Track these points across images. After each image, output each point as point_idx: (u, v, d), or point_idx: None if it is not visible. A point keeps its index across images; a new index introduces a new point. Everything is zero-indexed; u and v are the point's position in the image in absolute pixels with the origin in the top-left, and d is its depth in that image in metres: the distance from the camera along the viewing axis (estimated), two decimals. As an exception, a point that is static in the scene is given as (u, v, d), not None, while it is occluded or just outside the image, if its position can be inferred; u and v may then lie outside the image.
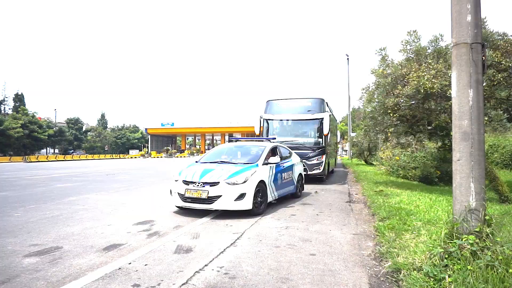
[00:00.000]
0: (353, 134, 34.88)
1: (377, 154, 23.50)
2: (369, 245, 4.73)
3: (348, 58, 35.72)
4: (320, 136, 12.61)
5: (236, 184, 6.41)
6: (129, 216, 6.55)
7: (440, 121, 10.11)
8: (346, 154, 55.64)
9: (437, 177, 14.28)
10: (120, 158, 59.15)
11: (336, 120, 23.05)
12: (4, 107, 58.94)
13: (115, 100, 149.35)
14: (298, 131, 13.36)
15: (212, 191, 6.31)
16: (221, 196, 6.28)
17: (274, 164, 7.71)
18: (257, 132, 13.14)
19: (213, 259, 4.01)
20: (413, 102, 9.76)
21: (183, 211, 6.99)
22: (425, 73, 8.82)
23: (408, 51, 10.18)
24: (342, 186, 12.45)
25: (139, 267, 3.71)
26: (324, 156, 12.49)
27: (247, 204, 6.42)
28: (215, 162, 7.54)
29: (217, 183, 6.41)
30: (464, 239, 3.38)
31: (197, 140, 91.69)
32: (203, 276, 3.46)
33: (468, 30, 3.67)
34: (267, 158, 7.59)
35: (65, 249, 4.36)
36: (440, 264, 3.31)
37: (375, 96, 10.82)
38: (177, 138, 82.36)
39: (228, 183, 6.40)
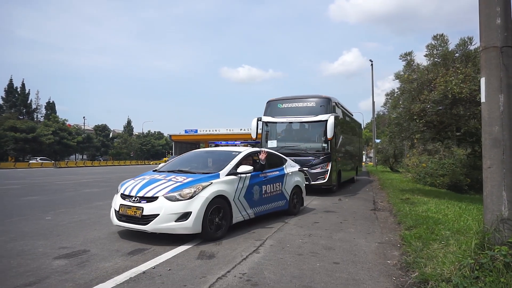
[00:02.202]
0: (377, 141, 34.24)
1: (403, 161, 22.98)
2: (395, 254, 4.60)
3: (372, 64, 35.23)
4: (325, 141, 10.98)
5: (179, 200, 4.96)
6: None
7: (469, 127, 9.80)
8: (370, 161, 54.64)
9: (467, 185, 13.78)
10: (145, 164, 60.44)
11: (360, 124, 20.66)
12: (37, 115, 61.52)
13: (141, 107, 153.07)
14: (300, 136, 11.90)
15: (148, 208, 4.94)
16: (158, 215, 4.87)
17: (248, 175, 6.12)
18: (253, 137, 11.85)
19: (235, 265, 4.01)
20: (440, 107, 9.50)
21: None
22: (453, 77, 8.59)
23: (435, 55, 9.94)
24: (367, 193, 12.21)
25: (162, 272, 3.76)
26: (330, 164, 10.90)
27: (193, 226, 4.91)
28: (172, 172, 6.13)
29: (155, 198, 5.03)
30: (496, 250, 3.24)
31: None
32: (225, 283, 3.47)
33: (498, 34, 3.56)
34: (236, 167, 6.03)
35: (92, 252, 4.48)
36: (471, 276, 3.18)
37: (400, 102, 10.61)
38: (201, 144, 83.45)
39: (169, 199, 4.99)
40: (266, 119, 11.90)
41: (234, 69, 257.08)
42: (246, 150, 6.86)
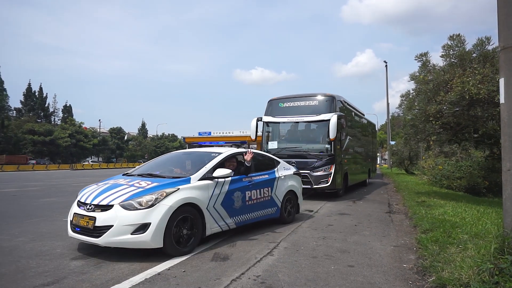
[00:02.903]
0: (392, 143, 33.82)
1: (419, 163, 22.63)
2: (411, 258, 4.53)
3: (386, 65, 34.85)
4: (328, 142, 10.28)
5: (137, 209, 4.28)
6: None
7: (487, 129, 9.58)
8: (385, 163, 53.98)
9: (485, 187, 13.46)
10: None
11: (373, 125, 19.37)
12: (54, 118, 62.86)
13: (155, 110, 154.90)
14: (302, 136, 11.28)
15: (101, 219, 4.27)
16: (112, 226, 4.20)
17: (227, 179, 5.36)
18: (253, 138, 11.30)
19: (249, 267, 4.01)
20: (457, 108, 9.31)
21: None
22: (470, 78, 8.42)
23: (451, 56, 9.77)
24: (382, 196, 12.07)
25: (177, 273, 3.78)
26: (334, 167, 10.24)
27: (152, 239, 4.21)
28: (141, 175, 5.42)
29: (109, 206, 4.36)
30: (516, 255, 3.16)
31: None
32: (239, 285, 3.47)
33: (518, 33, 3.48)
34: (212, 170, 5.25)
35: (108, 253, 4.54)
36: (490, 281, 3.11)
37: (415, 103, 10.45)
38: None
39: (125, 207, 4.30)
40: (267, 119, 11.34)
41: (247, 71, 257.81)
42: (227, 151, 5.99)
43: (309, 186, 10.04)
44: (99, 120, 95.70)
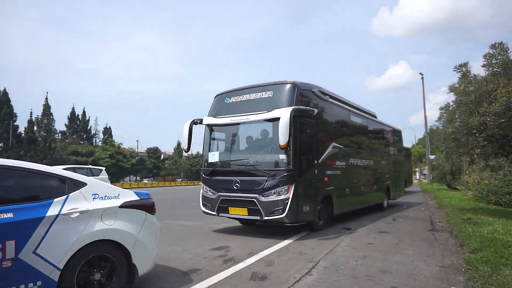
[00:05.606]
0: (432, 157, 32.49)
1: (462, 178, 21.55)
2: (459, 280, 4.27)
3: (422, 77, 33.90)
4: (286, 152, 6.87)
5: None
6: (205, 241, 6.78)
7: (537, 140, 9.00)
8: (425, 178, 51.87)
9: (538, 203, 12.53)
10: (194, 184, 62.05)
11: (398, 132, 15.17)
12: (95, 140, 66.00)
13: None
14: (250, 144, 7.99)
15: None
16: None
17: None
18: (185, 147, 8.09)
19: (288, 287, 3.95)
20: (503, 120, 8.84)
21: (256, 238, 7.02)
22: (515, 88, 8.01)
23: (494, 65, 9.36)
24: (423, 213, 11.55)
25: (216, 293, 3.78)
26: (293, 188, 6.79)
27: None
28: None
29: None
30: None
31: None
32: (279, 305, 3.41)
33: None
34: None
35: (148, 273, 4.63)
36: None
37: (456, 116, 10.04)
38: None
39: None
40: (207, 120, 8.13)
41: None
42: None
43: (258, 218, 6.97)
44: (137, 140, 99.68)
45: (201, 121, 8.18)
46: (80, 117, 62.19)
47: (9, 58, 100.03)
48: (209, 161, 8.06)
